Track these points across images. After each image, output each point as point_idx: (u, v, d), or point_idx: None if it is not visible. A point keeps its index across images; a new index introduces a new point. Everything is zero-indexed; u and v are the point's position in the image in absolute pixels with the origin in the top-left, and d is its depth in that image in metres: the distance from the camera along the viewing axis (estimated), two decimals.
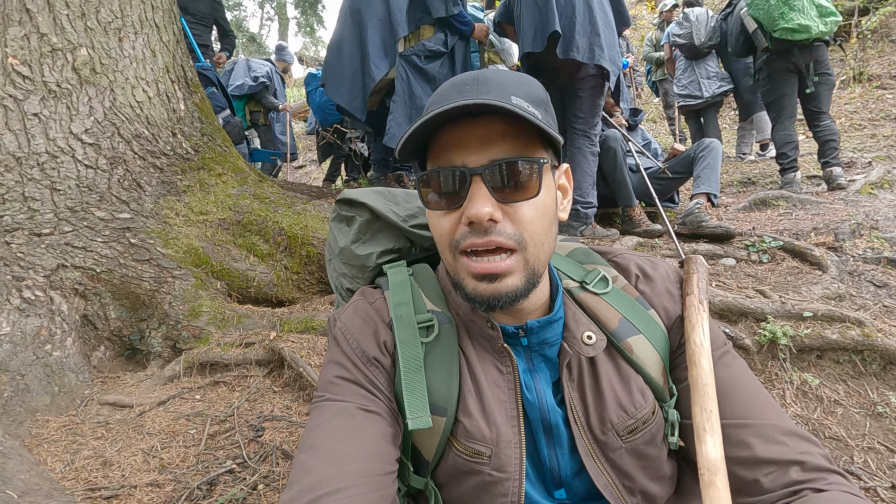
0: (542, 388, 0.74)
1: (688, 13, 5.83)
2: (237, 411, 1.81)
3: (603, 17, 2.91)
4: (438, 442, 0.73)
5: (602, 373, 0.74)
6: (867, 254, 2.73)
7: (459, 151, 0.65)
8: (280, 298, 2.56)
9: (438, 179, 0.66)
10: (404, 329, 0.75)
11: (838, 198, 3.84)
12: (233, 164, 2.92)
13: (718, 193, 3.27)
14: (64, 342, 2.05)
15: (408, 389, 0.71)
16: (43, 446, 1.57)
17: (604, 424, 0.72)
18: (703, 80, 5.88)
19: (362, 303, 0.81)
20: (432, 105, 0.68)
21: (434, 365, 0.74)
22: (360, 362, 0.74)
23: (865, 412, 1.71)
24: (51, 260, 2.10)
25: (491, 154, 0.64)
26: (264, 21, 27.55)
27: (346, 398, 0.71)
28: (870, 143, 5.56)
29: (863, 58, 7.53)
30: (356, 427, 0.67)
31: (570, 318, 0.76)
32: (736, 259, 2.83)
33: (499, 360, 0.75)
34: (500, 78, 0.69)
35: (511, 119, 0.64)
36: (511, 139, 0.65)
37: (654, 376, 0.75)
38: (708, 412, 0.67)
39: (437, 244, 0.72)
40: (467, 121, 0.64)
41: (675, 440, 0.74)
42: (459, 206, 0.65)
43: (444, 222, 0.68)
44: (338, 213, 1.02)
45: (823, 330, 1.88)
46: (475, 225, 0.64)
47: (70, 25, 2.34)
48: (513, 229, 0.65)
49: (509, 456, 0.71)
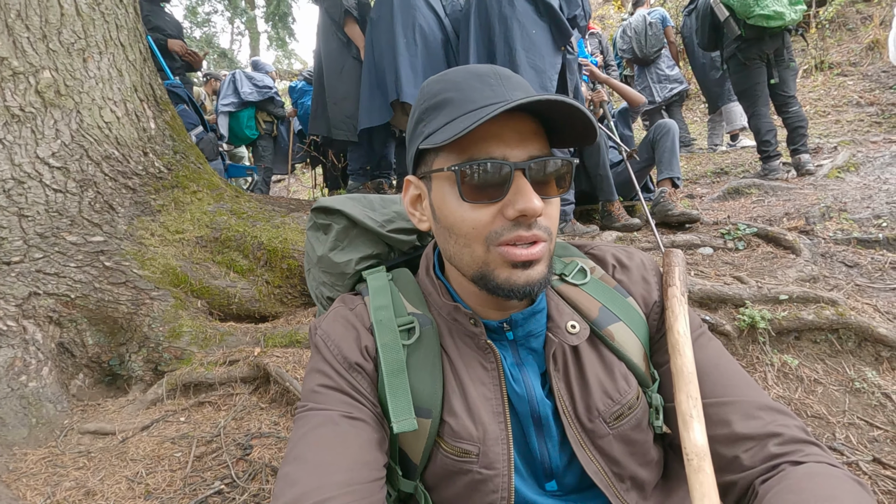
0: (531, 380, 0.75)
1: (625, 27, 6.02)
2: (224, 431, 1.78)
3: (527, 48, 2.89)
4: (425, 444, 0.73)
5: (586, 361, 0.75)
6: (837, 235, 2.81)
7: (499, 145, 0.65)
8: (263, 313, 2.53)
9: (479, 172, 0.65)
10: (385, 333, 0.75)
11: (807, 183, 3.95)
12: (207, 180, 2.88)
13: (680, 175, 3.35)
14: (40, 372, 1.99)
15: (391, 392, 0.71)
16: (22, 480, 1.52)
17: (591, 412, 0.73)
18: (655, 85, 6.02)
19: (342, 309, 0.81)
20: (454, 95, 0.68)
21: (417, 367, 0.74)
22: (343, 369, 0.74)
23: (844, 389, 1.75)
24: (22, 288, 2.04)
25: (529, 150, 0.66)
26: (235, 36, 27.31)
27: (330, 406, 0.70)
28: (834, 128, 5.73)
29: (822, 46, 7.76)
30: (341, 435, 0.67)
31: (553, 309, 0.77)
32: (713, 248, 2.89)
33: (483, 357, 0.75)
34: (513, 76, 0.71)
35: (539, 119, 0.68)
36: (540, 137, 0.69)
37: (636, 362, 0.76)
38: (694, 399, 0.69)
39: (460, 237, 0.69)
40: (504, 115, 0.64)
41: (660, 423, 0.75)
42: (499, 199, 0.65)
43: (478, 215, 0.66)
44: (314, 222, 1.02)
45: (799, 312, 1.92)
46: (524, 218, 0.65)
47: (31, 48, 2.29)
48: (546, 223, 0.68)
49: (497, 452, 0.71)
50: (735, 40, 4.23)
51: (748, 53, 4.20)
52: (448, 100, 0.68)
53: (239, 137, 5.70)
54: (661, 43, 5.79)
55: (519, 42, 2.87)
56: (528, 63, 2.87)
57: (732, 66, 4.39)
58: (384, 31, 3.15)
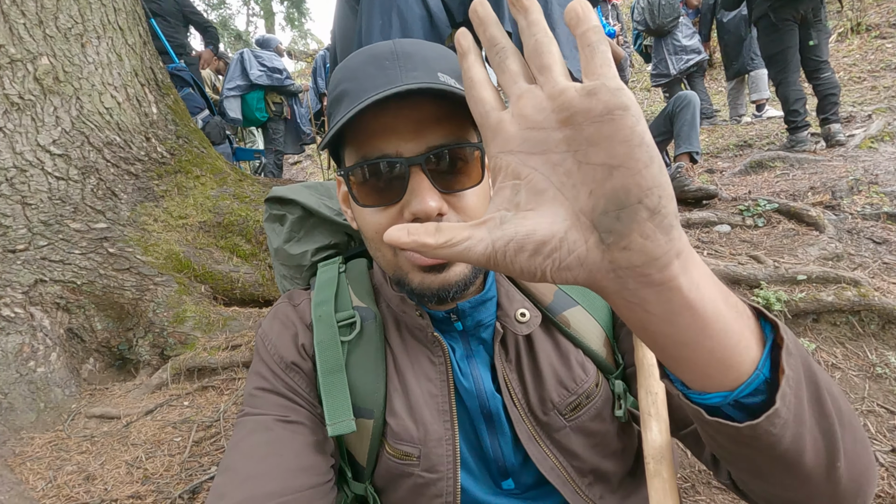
0: (479, 373, 0.70)
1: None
2: (223, 416, 1.79)
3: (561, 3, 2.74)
4: (370, 446, 0.69)
5: (540, 350, 0.69)
6: (866, 210, 2.64)
7: (391, 139, 0.58)
8: (267, 298, 2.53)
9: (371, 172, 0.59)
10: (323, 330, 0.70)
11: (837, 154, 3.73)
12: (211, 164, 2.87)
13: (700, 149, 3.19)
14: (48, 357, 2.03)
15: (326, 392, 0.66)
16: (26, 464, 1.55)
17: (544, 404, 0.68)
18: (670, 57, 5.74)
19: (284, 306, 0.77)
20: (350, 85, 0.61)
21: (358, 365, 0.70)
22: (279, 369, 0.70)
23: (864, 374, 1.66)
24: (28, 276, 2.07)
25: (427, 141, 0.58)
26: (250, 18, 27.23)
27: (265, 410, 0.67)
28: (870, 95, 5.40)
29: (860, 7, 7.28)
30: (275, 442, 0.63)
31: (504, 296, 0.71)
32: (731, 225, 2.76)
33: (430, 351, 0.70)
34: (422, 51, 0.63)
35: (445, 100, 0.58)
36: (446, 122, 0.59)
37: (595, 349, 0.70)
38: (654, 395, 0.62)
39: (369, 242, 0.65)
40: (395, 103, 0.57)
41: (621, 413, 0.69)
42: (398, 200, 0.59)
43: (379, 218, 0.61)
44: (269, 213, 0.97)
45: (818, 293, 1.81)
46: (421, 220, 0.57)
47: (28, 34, 2.28)
48: (458, 219, 0.60)
49: (440, 455, 0.67)
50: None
51: (782, 13, 3.82)
52: (344, 92, 0.62)
53: (248, 119, 5.66)
54: (677, 12, 5.49)
55: None
56: (563, 19, 2.73)
57: (762, 27, 4.01)
58: (365, 12, 3.04)
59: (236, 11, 36.64)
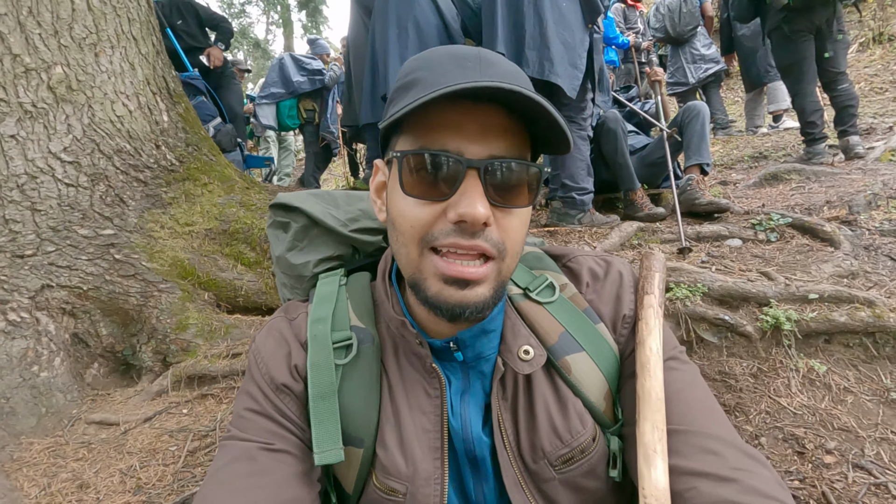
0: (470, 415, 0.67)
1: (658, 4, 5.67)
2: (220, 425, 1.79)
3: (557, 21, 2.72)
4: (357, 475, 0.66)
5: (537, 393, 0.66)
6: (884, 226, 2.56)
7: (455, 137, 0.57)
8: (270, 306, 2.53)
9: (427, 163, 0.57)
10: (318, 350, 0.68)
11: (856, 167, 3.63)
12: (219, 172, 2.90)
13: (710, 161, 3.13)
14: (52, 362, 2.05)
15: (316, 419, 0.64)
16: (23, 470, 1.56)
17: (535, 452, 0.64)
18: (689, 66, 5.67)
19: (279, 321, 0.75)
20: (425, 74, 0.59)
21: (351, 390, 0.67)
22: (270, 390, 0.68)
23: (878, 399, 1.59)
24: (35, 281, 2.10)
25: (491, 148, 0.57)
26: (269, 26, 27.73)
27: (251, 436, 0.64)
28: (892, 106, 5.27)
29: (882, 17, 7.13)
30: (258, 472, 0.61)
31: (509, 330, 0.68)
32: (742, 239, 2.69)
33: (427, 382, 0.67)
34: (504, 63, 0.62)
35: (514, 114, 0.57)
36: (511, 135, 0.58)
37: (593, 400, 0.66)
38: (661, 431, 0.58)
39: (399, 234, 0.61)
40: (466, 103, 0.56)
41: (616, 473, 0.65)
42: (445, 198, 0.57)
43: (419, 212, 0.58)
44: (273, 220, 0.96)
45: (831, 312, 1.75)
46: (465, 225, 0.56)
47: (43, 44, 2.33)
48: (498, 237, 0.58)
49: (427, 495, 0.63)
50: (781, 10, 3.83)
51: (795, 25, 3.78)
52: (417, 79, 0.60)
53: (279, 125, 5.68)
54: (697, 20, 5.44)
55: (549, 13, 2.70)
56: (558, 37, 2.71)
57: (776, 39, 3.97)
58: (379, 21, 3.04)
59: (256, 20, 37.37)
